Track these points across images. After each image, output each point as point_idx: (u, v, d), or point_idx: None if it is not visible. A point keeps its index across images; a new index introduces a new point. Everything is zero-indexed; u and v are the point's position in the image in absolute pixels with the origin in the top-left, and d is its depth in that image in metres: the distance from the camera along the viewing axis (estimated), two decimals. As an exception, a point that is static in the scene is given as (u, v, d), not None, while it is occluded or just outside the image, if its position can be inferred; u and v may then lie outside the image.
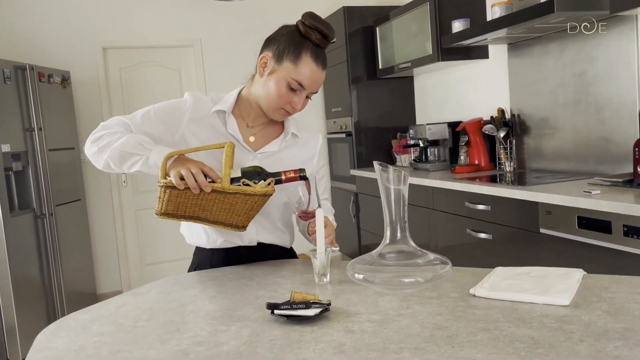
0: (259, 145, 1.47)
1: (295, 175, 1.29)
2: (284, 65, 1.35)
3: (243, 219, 1.30)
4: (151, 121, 1.40)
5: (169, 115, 1.42)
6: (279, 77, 1.36)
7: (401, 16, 3.77)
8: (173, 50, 4.48)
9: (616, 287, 1.06)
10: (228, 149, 1.25)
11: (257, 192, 1.25)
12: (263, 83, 1.40)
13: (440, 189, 3.01)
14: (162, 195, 1.24)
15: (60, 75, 3.72)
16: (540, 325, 0.89)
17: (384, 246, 1.19)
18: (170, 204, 1.25)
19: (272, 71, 1.37)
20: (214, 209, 1.26)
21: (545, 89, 2.97)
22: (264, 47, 1.41)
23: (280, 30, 1.40)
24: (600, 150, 2.66)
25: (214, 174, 1.24)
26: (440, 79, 3.99)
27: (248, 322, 1.01)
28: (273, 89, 1.37)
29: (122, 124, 1.39)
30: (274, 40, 1.38)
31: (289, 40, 1.35)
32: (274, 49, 1.37)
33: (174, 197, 1.23)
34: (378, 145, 4.28)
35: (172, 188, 1.22)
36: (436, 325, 0.92)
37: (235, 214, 1.27)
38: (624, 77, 2.49)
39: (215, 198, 1.24)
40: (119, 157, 1.31)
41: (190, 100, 1.44)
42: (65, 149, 3.74)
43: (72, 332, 1.02)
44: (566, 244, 2.16)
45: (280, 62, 1.35)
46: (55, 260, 3.47)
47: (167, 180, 1.22)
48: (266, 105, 1.40)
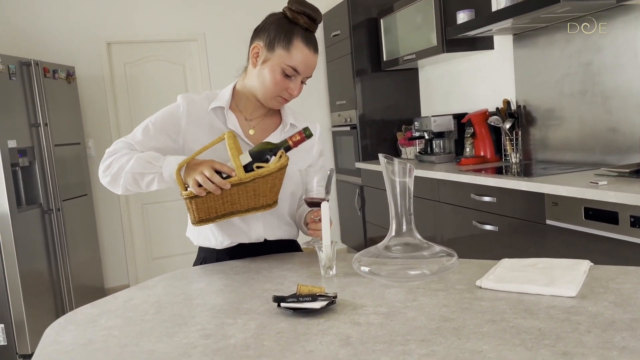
0: (259, 138, 1.47)
1: (302, 137, 1.31)
2: (277, 53, 1.35)
3: (271, 196, 1.33)
4: (152, 135, 1.41)
5: (167, 124, 1.42)
6: (273, 65, 1.36)
7: (405, 7, 3.75)
8: (177, 45, 4.47)
9: (623, 277, 1.06)
10: (229, 141, 1.27)
11: (273, 169, 1.27)
12: (257, 73, 1.40)
13: (445, 181, 3.00)
14: (189, 205, 1.28)
15: (65, 71, 3.73)
16: (547, 316, 0.89)
17: (390, 239, 1.19)
18: (201, 211, 1.28)
19: (265, 60, 1.37)
20: (242, 200, 1.29)
21: (551, 79, 2.95)
22: (254, 37, 1.42)
23: (268, 19, 1.40)
24: (607, 141, 2.64)
25: (226, 168, 1.25)
26: (445, 70, 3.97)
27: (255, 314, 1.01)
28: (268, 78, 1.37)
29: (126, 146, 1.40)
30: (263, 29, 1.39)
31: (278, 27, 1.36)
32: (264, 38, 1.37)
33: (200, 204, 1.27)
34: (383, 137, 4.27)
35: (195, 197, 1.26)
36: (442, 317, 0.92)
37: (262, 196, 1.31)
38: (630, 66, 2.47)
39: (237, 191, 1.27)
40: (133, 180, 1.34)
41: (183, 103, 1.44)
42: (71, 144, 3.75)
43: (80, 326, 1.03)
44: (573, 235, 2.16)
45: (272, 50, 1.36)
46: (62, 254, 3.49)
47: (188, 191, 1.26)
48: (263, 94, 1.41)
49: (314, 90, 4.80)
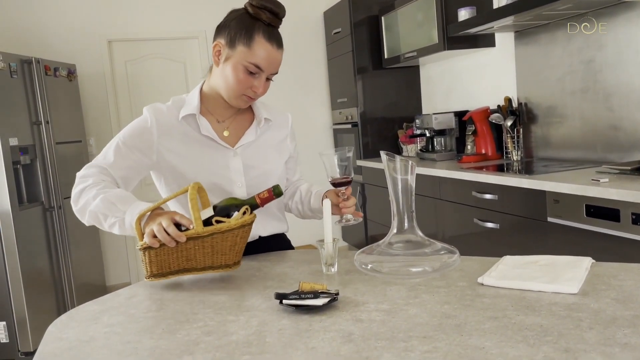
0: (235, 139, 1.45)
1: (270, 195, 1.25)
2: (238, 50, 1.32)
3: (232, 256, 1.23)
4: (124, 154, 1.36)
5: (137, 141, 1.37)
6: (235, 63, 1.32)
7: (406, 5, 3.74)
8: (178, 42, 4.47)
9: (625, 274, 1.06)
10: (191, 192, 1.18)
11: (233, 226, 1.19)
12: (220, 72, 1.37)
13: (447, 178, 3.00)
14: (143, 258, 1.20)
15: (66, 69, 3.73)
16: (548, 313, 0.89)
17: (392, 236, 1.19)
18: (154, 265, 1.19)
19: (227, 58, 1.34)
20: (198, 256, 1.20)
21: (553, 77, 2.94)
22: (216, 34, 1.37)
23: (229, 15, 1.37)
24: (609, 138, 2.64)
25: (186, 220, 1.18)
26: (447, 68, 3.97)
27: (257, 312, 1.01)
28: (231, 76, 1.34)
29: (99, 172, 1.34)
30: (225, 26, 1.35)
31: (239, 24, 1.32)
32: (225, 35, 1.34)
33: (154, 257, 1.18)
34: (384, 135, 4.27)
35: (150, 249, 1.18)
36: (444, 314, 0.92)
37: (221, 254, 1.21)
38: (632, 64, 2.46)
39: (194, 246, 1.18)
40: (97, 220, 1.29)
41: (150, 116, 1.39)
42: (72, 142, 3.76)
43: (82, 323, 1.03)
44: (574, 232, 2.15)
45: (233, 48, 1.32)
46: (64, 252, 3.50)
47: (142, 242, 1.18)
48: (227, 93, 1.38)
49: (315, 88, 4.79)
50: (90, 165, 1.37)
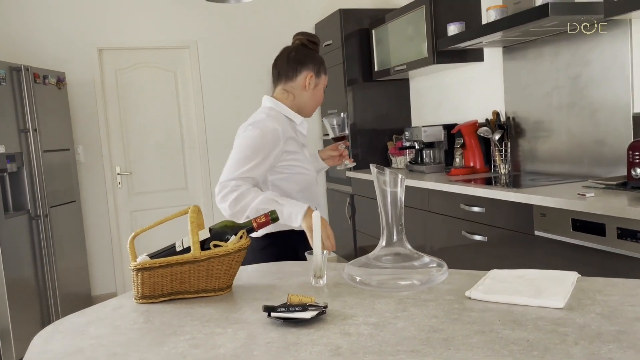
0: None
1: (267, 219, 1.27)
2: (322, 77, 1.82)
3: (225, 280, 1.23)
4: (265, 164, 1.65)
5: (273, 149, 1.67)
6: (321, 87, 1.83)
7: (397, 19, 3.78)
8: (169, 52, 4.47)
9: (610, 289, 1.07)
10: (192, 215, 1.20)
11: (230, 250, 1.20)
12: (311, 95, 1.80)
13: (435, 191, 3.02)
14: (135, 279, 1.19)
15: (56, 77, 3.71)
16: (535, 327, 0.90)
17: (381, 248, 1.19)
18: (146, 287, 1.19)
19: (316, 84, 1.80)
20: (192, 280, 1.20)
21: (540, 91, 2.98)
22: (299, 68, 1.76)
23: (298, 52, 1.78)
24: (594, 153, 2.67)
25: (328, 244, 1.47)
26: (436, 81, 4.01)
27: (245, 324, 1.01)
28: (319, 96, 1.83)
29: (247, 181, 1.62)
30: (303, 62, 1.77)
31: (315, 57, 1.79)
32: (312, 68, 1.78)
33: (147, 278, 1.18)
34: (374, 147, 4.29)
35: (144, 270, 1.17)
36: (432, 327, 0.93)
37: (215, 278, 1.21)
38: (617, 80, 2.51)
39: (189, 269, 1.19)
40: (256, 213, 1.56)
41: (278, 128, 1.68)
42: (60, 150, 3.73)
43: (68, 335, 1.02)
44: (561, 246, 2.18)
45: (319, 76, 1.81)
46: (49, 261, 3.46)
47: (137, 262, 1.19)
48: (313, 109, 1.84)
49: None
50: (237, 178, 1.61)
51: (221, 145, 4.56)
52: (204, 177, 4.56)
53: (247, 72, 4.56)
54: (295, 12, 4.67)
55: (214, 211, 4.57)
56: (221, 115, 4.56)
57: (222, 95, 4.56)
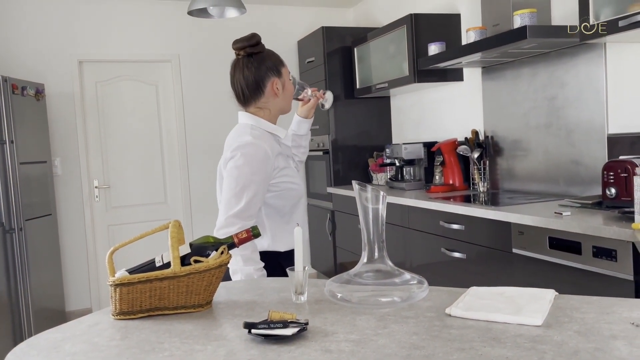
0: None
1: (249, 235, 1.26)
2: (283, 71, 1.75)
3: (205, 296, 1.21)
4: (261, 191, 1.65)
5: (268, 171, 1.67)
6: (287, 78, 1.77)
7: (379, 37, 3.84)
8: (151, 65, 4.46)
9: (587, 307, 1.09)
10: (172, 230, 1.19)
11: (211, 266, 1.19)
12: (283, 95, 1.76)
13: (415, 208, 3.04)
14: (113, 294, 1.17)
15: (35, 88, 3.67)
16: (514, 345, 0.90)
17: (362, 265, 1.19)
18: (124, 302, 1.16)
19: (282, 83, 1.75)
20: (171, 296, 1.18)
21: (518, 111, 3.05)
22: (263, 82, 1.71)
23: (251, 66, 1.70)
24: (570, 173, 2.73)
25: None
26: (417, 99, 4.06)
27: (225, 341, 1.00)
28: (290, 89, 1.79)
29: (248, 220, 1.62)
30: (262, 73, 1.71)
31: (266, 61, 1.71)
32: (271, 73, 1.71)
33: (125, 294, 1.16)
34: (355, 163, 4.32)
35: (123, 285, 1.15)
36: (413, 344, 0.93)
37: (195, 294, 1.20)
38: (593, 102, 2.58)
39: (169, 285, 1.17)
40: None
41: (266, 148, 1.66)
42: (37, 162, 3.67)
43: (43, 352, 1.00)
44: (538, 264, 2.21)
45: (280, 74, 1.74)
46: (23, 276, 3.37)
47: (115, 277, 1.17)
48: (290, 103, 1.81)
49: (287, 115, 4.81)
50: (250, 244, 1.59)
51: (202, 160, 4.54)
52: (184, 191, 4.53)
53: (229, 87, 4.55)
54: (278, 29, 4.71)
55: (193, 226, 4.53)
56: (202, 129, 4.54)
57: (204, 109, 4.55)
